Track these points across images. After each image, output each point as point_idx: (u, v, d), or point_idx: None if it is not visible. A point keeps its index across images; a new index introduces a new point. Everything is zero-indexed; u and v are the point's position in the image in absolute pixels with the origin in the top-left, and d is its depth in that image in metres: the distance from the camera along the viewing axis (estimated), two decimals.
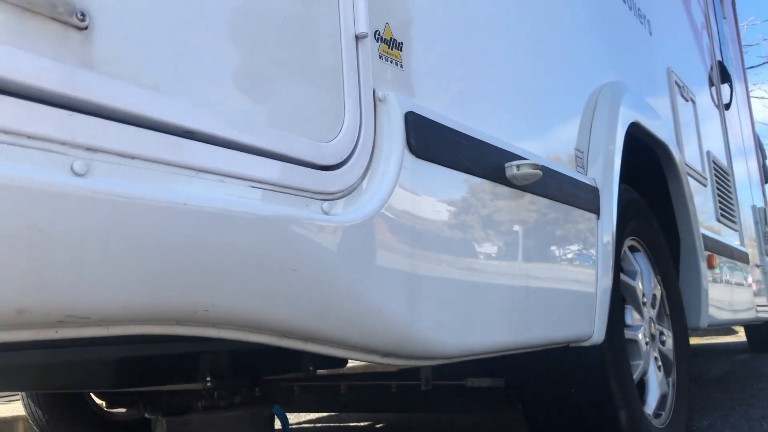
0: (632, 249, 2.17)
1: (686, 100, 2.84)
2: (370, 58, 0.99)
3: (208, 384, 2.05)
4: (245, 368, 2.18)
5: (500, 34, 1.43)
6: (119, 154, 0.65)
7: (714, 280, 2.76)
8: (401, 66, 1.08)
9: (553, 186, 1.47)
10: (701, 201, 2.81)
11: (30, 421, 3.23)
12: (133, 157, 0.66)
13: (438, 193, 1.09)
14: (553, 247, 1.45)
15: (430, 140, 1.07)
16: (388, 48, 1.06)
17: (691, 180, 2.65)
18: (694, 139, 2.89)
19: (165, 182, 0.69)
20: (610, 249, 1.69)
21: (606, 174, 1.75)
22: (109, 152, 0.64)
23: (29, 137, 0.58)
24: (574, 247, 1.55)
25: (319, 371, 2.68)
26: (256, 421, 2.06)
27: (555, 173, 1.49)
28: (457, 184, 1.14)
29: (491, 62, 1.37)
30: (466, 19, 1.30)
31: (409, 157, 1.01)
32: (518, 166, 1.28)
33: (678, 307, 2.36)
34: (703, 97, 3.23)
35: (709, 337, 7.67)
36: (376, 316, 0.95)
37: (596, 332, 1.60)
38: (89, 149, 0.63)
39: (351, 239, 0.90)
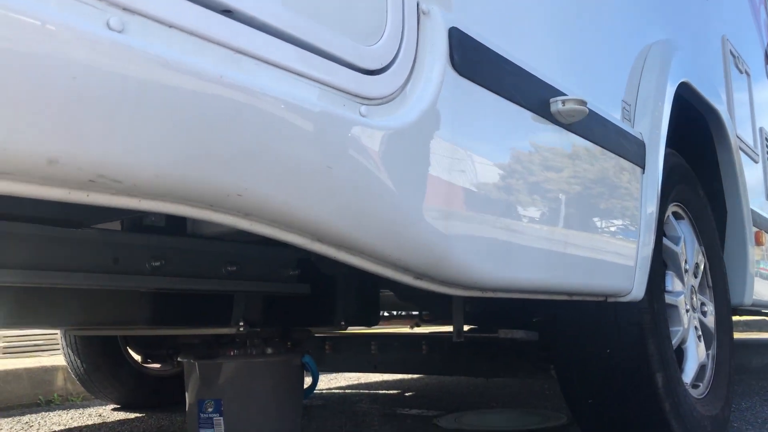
0: (676, 216, 2.11)
1: (740, 72, 2.74)
2: None
3: (241, 329, 2.07)
4: (277, 316, 2.19)
5: None
6: (156, 20, 0.64)
7: (761, 258, 2.67)
8: None
9: (598, 130, 1.42)
10: (751, 177, 2.72)
11: (69, 370, 3.31)
12: (170, 26, 0.65)
13: (480, 115, 1.06)
14: (595, 193, 1.41)
15: (473, 59, 1.04)
16: None
17: (742, 154, 2.56)
18: (747, 113, 2.79)
19: (201, 54, 0.67)
20: (654, 204, 1.64)
21: (653, 129, 1.70)
22: (146, 16, 0.63)
23: None
24: (618, 197, 1.50)
25: (351, 329, 2.68)
26: (287, 368, 2.07)
27: (601, 118, 1.45)
28: (499, 109, 1.11)
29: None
30: None
31: (452, 73, 0.99)
32: (564, 101, 1.24)
33: (721, 281, 2.29)
34: (759, 72, 3.12)
35: (751, 332, 7.47)
36: (411, 229, 0.93)
37: (636, 288, 1.56)
38: (126, 9, 0.62)
39: (388, 146, 0.88)
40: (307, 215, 0.80)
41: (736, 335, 6.91)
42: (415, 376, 4.32)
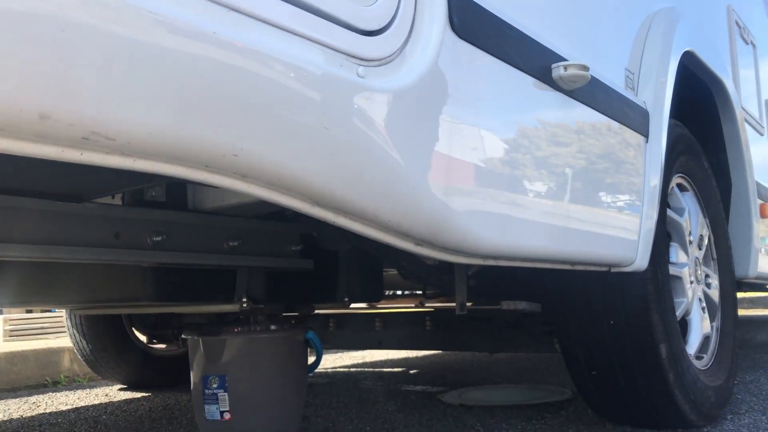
0: (681, 188, 2.09)
1: (746, 43, 2.71)
2: None
3: (244, 305, 2.07)
4: (281, 293, 2.19)
5: None
6: None
7: (766, 231, 2.66)
8: None
9: (601, 98, 1.41)
10: (757, 149, 2.69)
11: (75, 351, 3.33)
12: None
13: (480, 79, 1.04)
14: (598, 161, 1.40)
15: (473, 22, 1.02)
16: None
17: (747, 126, 2.53)
18: (753, 85, 2.76)
19: (195, 10, 0.66)
20: (658, 174, 1.63)
21: (657, 98, 1.68)
22: None
23: None
24: (620, 166, 1.49)
25: (354, 306, 2.68)
26: (291, 344, 2.07)
27: (604, 86, 1.43)
28: (500, 74, 1.09)
29: None
30: None
31: (451, 36, 0.97)
32: (566, 67, 1.22)
33: (726, 253, 2.28)
34: (765, 44, 3.08)
35: (756, 309, 7.46)
36: (410, 193, 0.92)
37: (639, 258, 1.55)
38: None
39: (386, 108, 0.87)
40: (305, 177, 0.79)
41: (742, 312, 6.92)
42: (420, 354, 4.33)
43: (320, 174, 0.81)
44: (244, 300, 2.04)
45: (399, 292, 3.22)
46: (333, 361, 4.24)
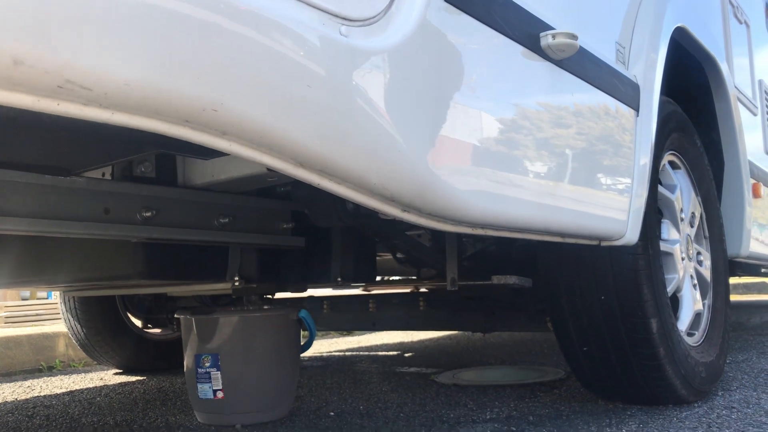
0: (673, 165, 2.09)
1: (740, 22, 2.70)
2: None
3: (237, 284, 2.07)
4: (273, 272, 2.19)
5: None
6: None
7: (758, 211, 2.66)
8: None
9: (591, 69, 1.40)
10: (750, 129, 2.69)
11: (70, 335, 3.33)
12: None
13: (467, 45, 1.04)
14: (587, 132, 1.40)
15: None
16: None
17: (740, 106, 2.53)
18: (746, 65, 2.75)
19: None
20: (648, 148, 1.62)
21: (648, 71, 1.67)
22: None
23: None
24: (610, 137, 1.48)
25: (350, 290, 2.68)
26: (283, 322, 2.07)
27: (594, 57, 1.43)
28: (488, 40, 1.09)
29: None
30: None
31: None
32: (554, 35, 1.22)
33: (718, 231, 2.28)
34: (759, 25, 3.07)
35: (750, 294, 7.50)
36: (395, 157, 0.92)
37: (630, 231, 1.55)
38: None
39: (369, 69, 0.86)
40: (287, 136, 0.79)
41: (737, 297, 6.93)
42: (415, 339, 4.34)
43: (303, 133, 0.80)
44: (237, 279, 2.04)
45: (393, 279, 3.22)
46: (329, 345, 4.25)
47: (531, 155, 1.20)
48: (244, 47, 0.72)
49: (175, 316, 2.18)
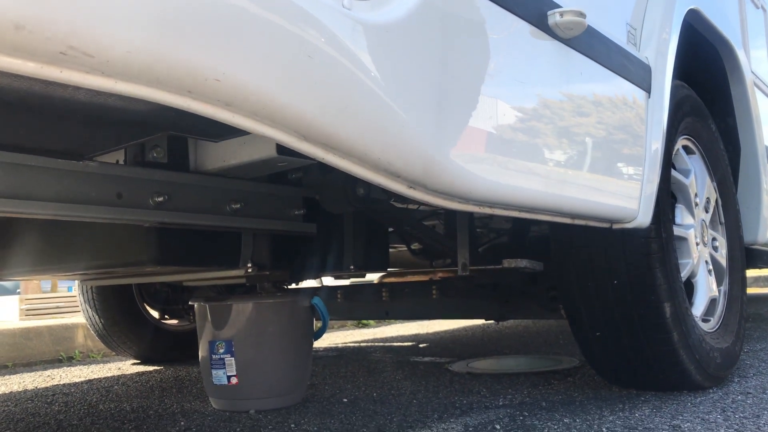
0: (687, 150, 2.07)
1: (756, 7, 2.66)
2: None
3: (249, 270, 2.08)
4: (286, 260, 2.20)
5: None
6: None
7: None
8: None
9: (600, 48, 1.39)
10: (767, 114, 2.66)
11: (89, 326, 3.37)
12: None
13: (473, 21, 1.04)
14: (597, 112, 1.39)
15: None
16: None
17: (757, 91, 2.50)
18: (764, 49, 2.72)
19: None
20: (661, 130, 1.61)
21: (659, 53, 1.66)
22: None
23: None
24: (621, 118, 1.47)
25: (362, 279, 2.69)
26: (297, 309, 2.08)
27: (603, 37, 1.42)
28: (494, 17, 1.08)
29: None
30: None
31: None
32: (562, 13, 1.21)
33: (734, 217, 2.26)
34: None
35: None
36: (400, 131, 0.92)
37: (641, 213, 1.54)
38: None
39: (372, 42, 0.86)
40: (290, 107, 0.79)
41: (757, 290, 6.82)
42: (430, 330, 4.34)
43: (306, 105, 0.81)
44: (250, 265, 2.05)
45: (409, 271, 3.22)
46: (344, 337, 4.26)
47: (539, 133, 1.20)
48: (245, 17, 0.72)
49: (190, 303, 2.20)
